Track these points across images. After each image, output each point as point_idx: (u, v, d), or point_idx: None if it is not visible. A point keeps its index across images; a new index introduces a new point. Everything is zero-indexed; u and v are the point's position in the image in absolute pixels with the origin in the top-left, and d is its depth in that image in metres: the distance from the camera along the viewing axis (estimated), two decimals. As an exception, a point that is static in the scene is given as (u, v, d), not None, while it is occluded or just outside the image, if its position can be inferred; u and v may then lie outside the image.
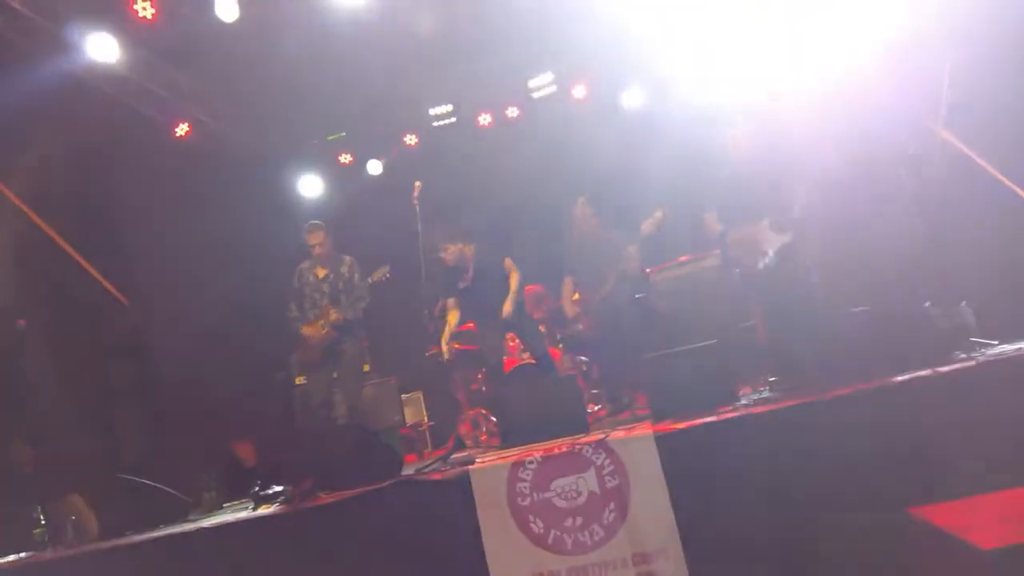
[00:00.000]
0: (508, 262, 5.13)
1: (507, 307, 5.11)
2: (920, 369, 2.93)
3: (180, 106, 6.45)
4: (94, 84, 5.58)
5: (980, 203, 4.38)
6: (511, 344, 5.89)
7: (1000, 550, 1.84)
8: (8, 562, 3.60)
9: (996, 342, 3.40)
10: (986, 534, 1.94)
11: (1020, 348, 2.94)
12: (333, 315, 4.77)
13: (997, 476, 2.43)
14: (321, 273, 5.02)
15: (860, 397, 2.83)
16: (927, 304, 3.59)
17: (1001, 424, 2.66)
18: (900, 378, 2.84)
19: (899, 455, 2.70)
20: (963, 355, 3.16)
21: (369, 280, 4.88)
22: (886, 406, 2.78)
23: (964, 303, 3.85)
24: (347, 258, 5.07)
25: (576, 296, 5.28)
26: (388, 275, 4.88)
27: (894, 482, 2.62)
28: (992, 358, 2.89)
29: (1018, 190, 4.08)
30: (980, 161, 4.30)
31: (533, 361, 5.49)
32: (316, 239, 4.99)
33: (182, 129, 6.56)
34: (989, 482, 2.39)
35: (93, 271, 5.71)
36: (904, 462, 2.68)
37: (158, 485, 4.02)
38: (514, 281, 5.11)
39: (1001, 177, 4.17)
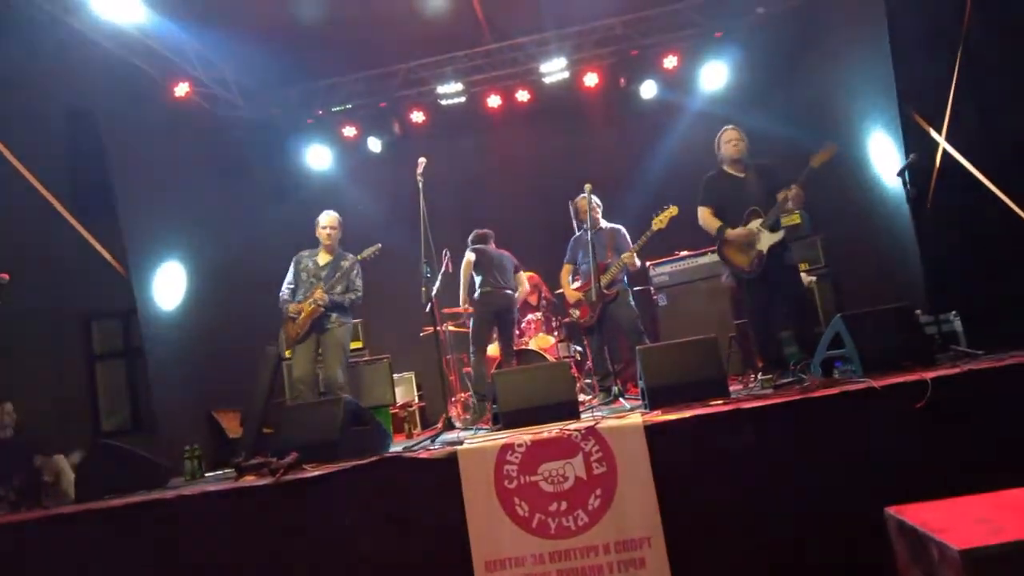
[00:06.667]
0: (521, 275, 5.67)
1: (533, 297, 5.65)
2: (906, 373, 2.98)
3: (181, 66, 6.34)
4: (95, 39, 5.47)
5: (973, 213, 4.41)
6: (534, 325, 6.11)
7: (973, 550, 1.87)
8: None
9: (981, 352, 3.46)
10: (961, 535, 1.97)
11: (1003, 359, 2.98)
12: (320, 292, 4.79)
13: (975, 479, 2.47)
14: (323, 260, 5.04)
15: (846, 397, 2.87)
16: (917, 311, 3.64)
17: (981, 429, 2.72)
18: (886, 381, 2.88)
19: (881, 455, 2.75)
20: (948, 362, 3.22)
21: (359, 257, 4.90)
22: (871, 407, 2.82)
23: (953, 312, 3.91)
24: (351, 256, 5.07)
25: (577, 285, 5.32)
26: (378, 252, 4.89)
27: (875, 481, 2.67)
28: (976, 367, 2.93)
29: (1011, 203, 4.12)
30: (976, 172, 4.33)
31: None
32: (329, 222, 5.04)
33: (182, 89, 6.45)
34: (967, 485, 2.43)
35: (85, 233, 5.63)
36: (886, 462, 2.73)
37: (139, 451, 4.00)
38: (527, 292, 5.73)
39: (996, 190, 4.21)
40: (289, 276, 5.06)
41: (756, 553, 2.75)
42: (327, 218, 5.06)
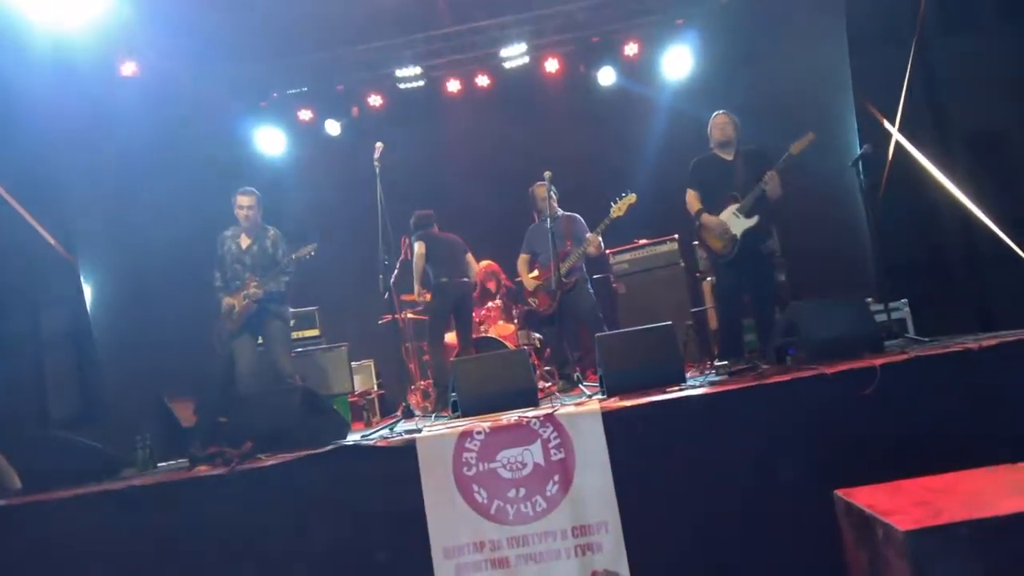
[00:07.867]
0: (469, 256, 5.51)
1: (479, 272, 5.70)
2: (855, 360, 3.06)
3: (128, 43, 6.07)
4: (33, 14, 5.19)
5: (924, 204, 4.55)
6: (493, 313, 6.10)
7: (916, 531, 1.94)
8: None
9: (927, 339, 3.58)
10: (905, 517, 2.04)
11: (949, 346, 3.09)
12: (254, 287, 4.70)
13: (920, 463, 2.56)
14: (245, 243, 4.91)
15: (798, 384, 2.93)
16: (868, 299, 3.73)
17: (926, 415, 2.81)
18: (836, 368, 2.95)
19: (831, 440, 2.82)
20: (896, 349, 3.32)
21: (294, 256, 4.79)
22: (821, 393, 2.89)
23: (903, 300, 4.03)
24: (272, 230, 4.95)
25: (535, 273, 5.31)
26: (313, 252, 4.80)
27: (825, 465, 2.74)
28: (922, 353, 3.03)
29: (960, 194, 4.26)
30: (927, 163, 4.45)
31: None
32: (247, 201, 4.86)
33: (128, 68, 6.20)
34: (912, 468, 2.51)
35: (30, 217, 5.38)
36: (835, 446, 2.80)
37: (88, 441, 3.86)
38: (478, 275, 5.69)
39: (946, 182, 4.34)
40: (217, 259, 4.92)
41: (710, 536, 2.81)
42: (244, 197, 4.86)
